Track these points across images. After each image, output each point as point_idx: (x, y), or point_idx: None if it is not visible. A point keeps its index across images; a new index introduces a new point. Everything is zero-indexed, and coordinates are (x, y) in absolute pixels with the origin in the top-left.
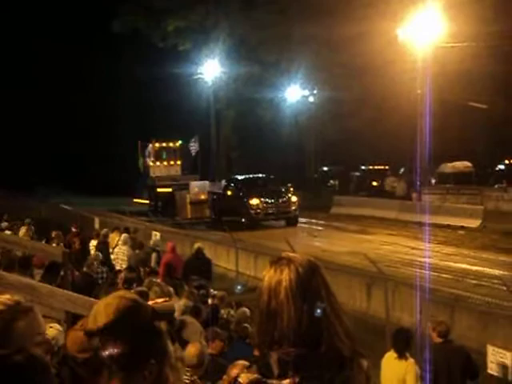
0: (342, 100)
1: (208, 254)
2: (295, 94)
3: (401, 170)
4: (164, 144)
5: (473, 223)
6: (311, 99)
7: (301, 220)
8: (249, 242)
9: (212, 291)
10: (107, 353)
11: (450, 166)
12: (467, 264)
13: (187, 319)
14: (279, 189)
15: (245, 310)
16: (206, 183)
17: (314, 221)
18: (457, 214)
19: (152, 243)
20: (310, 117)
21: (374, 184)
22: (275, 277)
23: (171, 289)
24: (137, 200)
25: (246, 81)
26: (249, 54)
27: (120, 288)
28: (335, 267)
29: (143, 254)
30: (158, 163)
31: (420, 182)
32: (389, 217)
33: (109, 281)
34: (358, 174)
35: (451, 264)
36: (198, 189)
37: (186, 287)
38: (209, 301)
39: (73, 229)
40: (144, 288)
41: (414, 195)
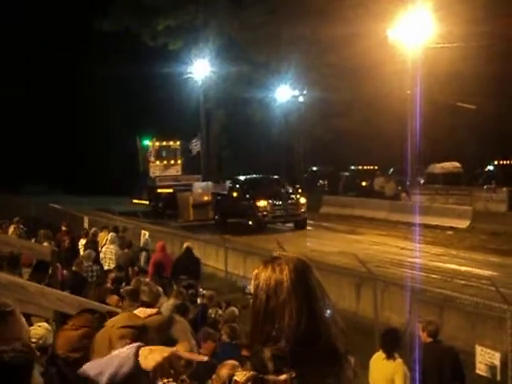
0: (332, 100)
1: (197, 254)
2: (285, 94)
3: (390, 171)
4: (164, 143)
5: (462, 224)
6: (301, 99)
7: None
8: (238, 242)
9: (201, 291)
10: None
11: (439, 167)
12: (456, 264)
13: (175, 317)
14: (287, 190)
15: (233, 310)
16: (210, 184)
17: None
18: (446, 215)
19: (142, 243)
20: (300, 117)
21: (364, 184)
22: (274, 276)
23: (160, 288)
24: (136, 200)
25: (236, 80)
26: (239, 54)
27: (108, 288)
28: (325, 267)
29: (132, 254)
30: (158, 162)
31: (409, 183)
32: (378, 217)
33: (99, 280)
34: (348, 174)
35: (440, 264)
36: (202, 190)
37: (175, 286)
38: (198, 300)
39: (63, 227)
40: (135, 287)
41: (404, 195)
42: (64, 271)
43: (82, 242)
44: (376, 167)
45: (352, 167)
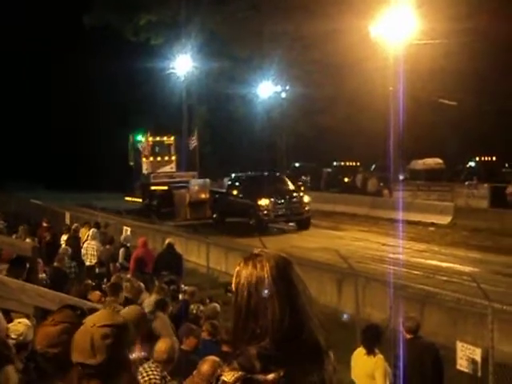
0: (315, 96)
1: (179, 250)
2: (267, 90)
3: (372, 167)
4: (158, 138)
5: (443, 220)
6: (283, 95)
7: None
8: (220, 237)
9: (183, 286)
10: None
11: (421, 163)
12: (438, 260)
13: (156, 313)
14: (290, 188)
15: (215, 306)
16: (207, 181)
17: None
18: (427, 211)
19: (122, 238)
20: (282, 113)
21: (346, 180)
22: (255, 273)
23: (141, 284)
24: (128, 198)
25: (219, 76)
26: (221, 50)
27: (90, 284)
28: (306, 263)
29: (113, 249)
30: (152, 159)
31: (392, 179)
32: (360, 213)
33: (81, 276)
34: (330, 171)
35: (422, 260)
36: (199, 187)
37: (157, 282)
38: (180, 296)
39: (44, 223)
40: (117, 281)
41: (386, 192)
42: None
43: (64, 238)
44: (358, 163)
45: (334, 163)
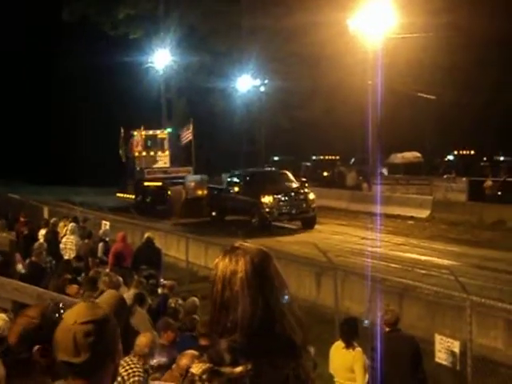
0: (294, 90)
1: (158, 244)
2: (246, 84)
3: (351, 161)
4: (151, 132)
5: (422, 213)
6: (262, 89)
7: None
8: (199, 232)
9: (162, 281)
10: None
11: (400, 157)
12: (416, 254)
13: (134, 308)
14: (294, 184)
15: (194, 300)
16: (205, 177)
17: None
18: (406, 204)
19: (101, 233)
20: (261, 107)
21: (325, 174)
22: (230, 267)
23: (120, 278)
24: (120, 194)
25: (197, 70)
26: (200, 44)
27: (67, 278)
28: (285, 256)
29: (92, 244)
30: (145, 153)
31: (371, 173)
32: (339, 207)
33: (58, 270)
34: (309, 164)
35: (400, 254)
36: (196, 183)
37: (136, 277)
38: (159, 290)
39: (21, 218)
40: (94, 275)
41: (365, 185)
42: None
43: (42, 233)
44: (337, 157)
45: (313, 157)
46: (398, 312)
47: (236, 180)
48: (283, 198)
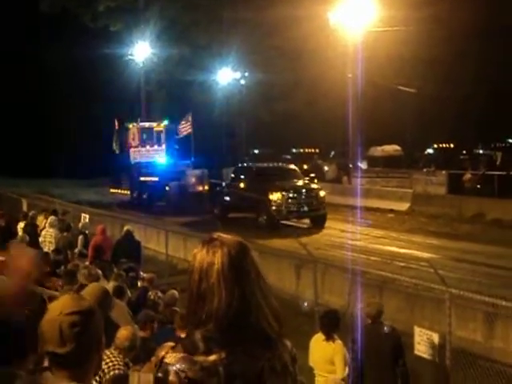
0: (274, 83)
1: (138, 237)
2: (227, 77)
3: (331, 154)
4: (147, 125)
5: (402, 206)
6: (242, 82)
7: None
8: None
9: (142, 273)
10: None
11: (380, 150)
12: (396, 247)
13: (114, 301)
14: (303, 181)
15: (173, 293)
16: (206, 172)
17: None
18: (386, 198)
19: (81, 226)
20: (242, 99)
21: (305, 167)
22: (207, 258)
23: (99, 271)
24: (114, 190)
25: (177, 63)
26: (180, 36)
27: (47, 271)
28: (265, 249)
29: (71, 237)
30: (140, 147)
31: (351, 166)
32: None
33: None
34: (289, 157)
35: (380, 247)
36: (196, 178)
37: (115, 269)
38: (138, 283)
39: None
40: (72, 268)
41: (345, 178)
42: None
43: (21, 226)
44: (317, 150)
45: (293, 150)
46: (380, 305)
47: (241, 175)
48: (292, 195)
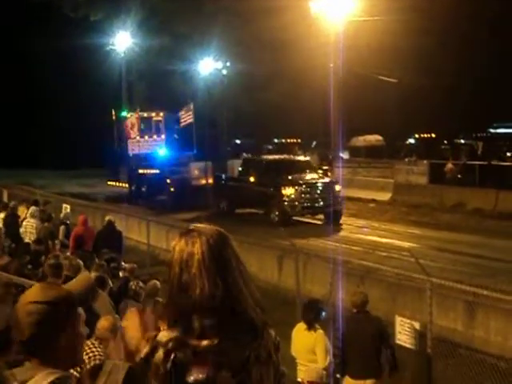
0: (256, 73)
1: (119, 227)
2: (208, 67)
3: (313, 144)
4: (145, 114)
5: (383, 196)
6: (224, 72)
7: None
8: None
9: (123, 264)
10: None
11: (362, 140)
12: (377, 236)
13: (96, 291)
14: (318, 174)
15: (155, 283)
16: (209, 164)
17: None
18: (368, 187)
19: (62, 216)
20: (223, 90)
21: None
22: (187, 249)
23: (80, 262)
24: (111, 183)
25: (158, 53)
26: (160, 26)
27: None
28: (247, 240)
29: (52, 227)
30: (139, 138)
31: (332, 156)
32: None
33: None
34: (271, 147)
35: (362, 236)
36: (199, 171)
37: (97, 260)
38: (120, 273)
39: None
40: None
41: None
42: None
43: (1, 216)
44: (299, 140)
45: (275, 140)
46: (364, 294)
47: (250, 168)
48: (307, 190)
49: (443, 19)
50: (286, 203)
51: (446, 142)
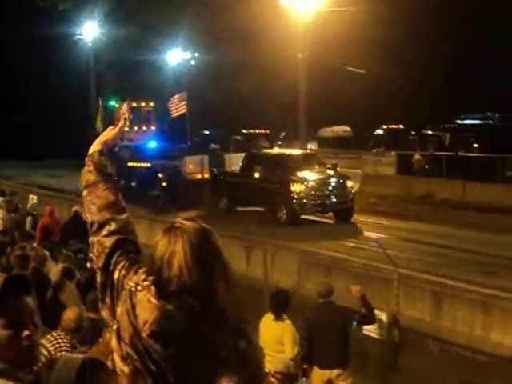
0: (224, 63)
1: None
2: (176, 57)
3: (281, 135)
4: (134, 104)
5: None
6: (192, 62)
7: None
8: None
9: (91, 255)
10: None
11: (330, 131)
12: (346, 227)
13: (63, 282)
14: (327, 169)
15: None
16: (206, 158)
17: None
18: None
19: (29, 207)
20: (192, 80)
21: None
22: (169, 248)
23: (47, 252)
24: None
25: (126, 43)
26: (128, 16)
27: None
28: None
29: (19, 218)
30: (127, 129)
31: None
32: None
33: None
34: (239, 138)
35: (329, 227)
36: (194, 165)
37: (64, 251)
38: (88, 265)
39: None
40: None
41: None
42: None
43: None
44: (267, 131)
45: (244, 131)
46: (329, 284)
47: (254, 163)
48: (317, 186)
49: (412, 10)
50: (295, 201)
51: (414, 133)
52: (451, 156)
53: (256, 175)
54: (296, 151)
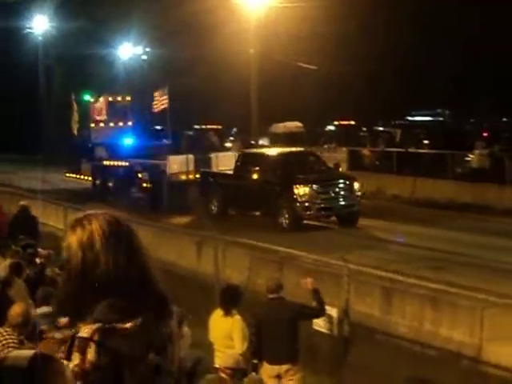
0: (176, 58)
1: (36, 213)
2: (127, 52)
3: (233, 130)
4: (110, 99)
5: None
6: (144, 57)
7: None
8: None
9: (40, 250)
10: None
11: (282, 126)
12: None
13: (11, 278)
14: (332, 171)
15: None
16: (191, 157)
17: None
18: None
19: None
20: (143, 75)
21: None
22: (85, 233)
23: None
24: (70, 175)
25: (77, 37)
26: (79, 10)
27: None
28: (166, 226)
29: None
30: (102, 124)
31: (253, 142)
32: None
33: None
34: (191, 134)
35: None
36: (179, 165)
37: (13, 246)
38: (37, 260)
39: None
40: None
41: None
42: None
43: None
44: (219, 127)
45: (196, 126)
46: (279, 279)
47: (251, 163)
48: (323, 189)
49: (364, 4)
50: (299, 204)
51: (365, 129)
52: (402, 152)
53: (253, 176)
54: (297, 150)
